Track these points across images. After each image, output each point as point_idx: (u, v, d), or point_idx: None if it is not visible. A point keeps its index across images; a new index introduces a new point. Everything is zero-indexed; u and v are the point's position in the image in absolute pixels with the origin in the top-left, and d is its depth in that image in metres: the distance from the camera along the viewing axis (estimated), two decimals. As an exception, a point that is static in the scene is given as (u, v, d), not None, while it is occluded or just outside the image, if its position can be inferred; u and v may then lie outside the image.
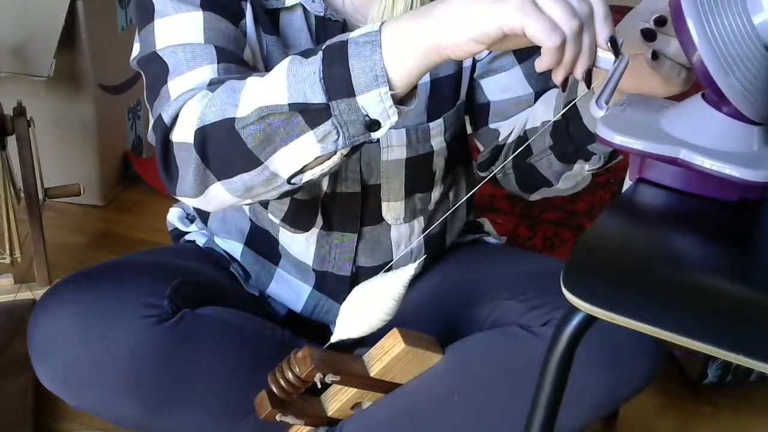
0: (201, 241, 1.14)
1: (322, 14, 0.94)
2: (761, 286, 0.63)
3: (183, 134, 0.80)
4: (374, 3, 0.93)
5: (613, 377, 0.91)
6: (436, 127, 1.03)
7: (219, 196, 0.82)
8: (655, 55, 0.77)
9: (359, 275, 1.07)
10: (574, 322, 0.62)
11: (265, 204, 1.05)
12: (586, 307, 0.59)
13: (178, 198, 0.86)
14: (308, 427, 1.00)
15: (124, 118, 1.91)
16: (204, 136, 0.78)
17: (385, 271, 0.88)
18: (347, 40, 0.73)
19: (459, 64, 1.03)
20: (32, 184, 1.36)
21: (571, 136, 0.93)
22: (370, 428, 0.99)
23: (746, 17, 0.67)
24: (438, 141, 1.04)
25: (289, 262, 1.09)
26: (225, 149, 0.78)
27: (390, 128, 0.74)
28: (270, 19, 0.94)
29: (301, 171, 0.78)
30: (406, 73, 0.72)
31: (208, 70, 0.85)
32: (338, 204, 1.04)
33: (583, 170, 0.98)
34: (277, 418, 0.96)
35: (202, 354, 0.97)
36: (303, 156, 0.76)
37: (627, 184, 0.76)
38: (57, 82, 1.65)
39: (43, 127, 1.44)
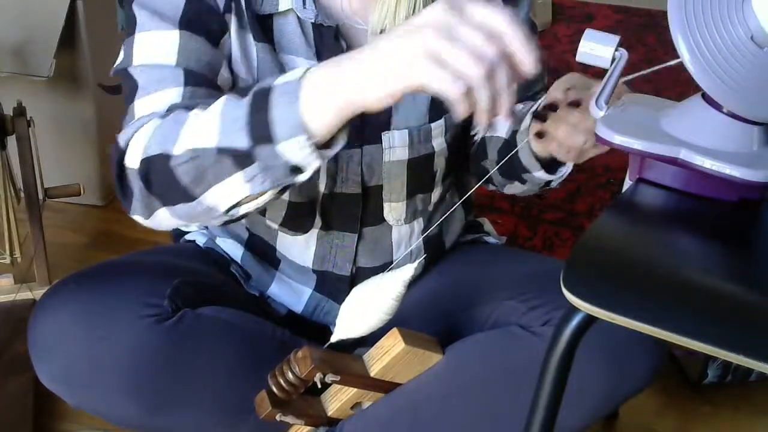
0: (201, 240, 1.14)
1: (312, 20, 0.94)
2: (761, 286, 0.63)
3: (132, 161, 0.82)
4: (375, 8, 0.93)
5: (613, 377, 0.91)
6: (438, 127, 1.03)
7: (165, 222, 0.85)
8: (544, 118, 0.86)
9: (359, 276, 1.07)
10: (574, 322, 0.62)
11: (262, 211, 1.05)
12: (586, 307, 0.59)
13: (132, 217, 0.87)
14: (308, 427, 1.00)
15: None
16: (147, 166, 0.80)
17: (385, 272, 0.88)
18: (271, 86, 0.73)
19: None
20: (32, 184, 1.36)
21: (511, 161, 0.96)
22: (370, 428, 0.99)
23: (731, 6, 0.66)
24: (439, 142, 1.04)
25: (289, 266, 1.10)
26: (164, 182, 0.80)
27: (318, 169, 0.75)
28: (261, 26, 0.94)
29: (237, 205, 0.79)
30: (324, 125, 0.72)
31: (174, 93, 0.87)
32: (338, 205, 1.04)
33: (520, 188, 1.04)
34: (277, 418, 0.96)
35: (202, 354, 0.97)
36: (234, 194, 0.77)
37: (627, 184, 0.76)
38: (57, 82, 1.65)
39: (43, 127, 1.44)
